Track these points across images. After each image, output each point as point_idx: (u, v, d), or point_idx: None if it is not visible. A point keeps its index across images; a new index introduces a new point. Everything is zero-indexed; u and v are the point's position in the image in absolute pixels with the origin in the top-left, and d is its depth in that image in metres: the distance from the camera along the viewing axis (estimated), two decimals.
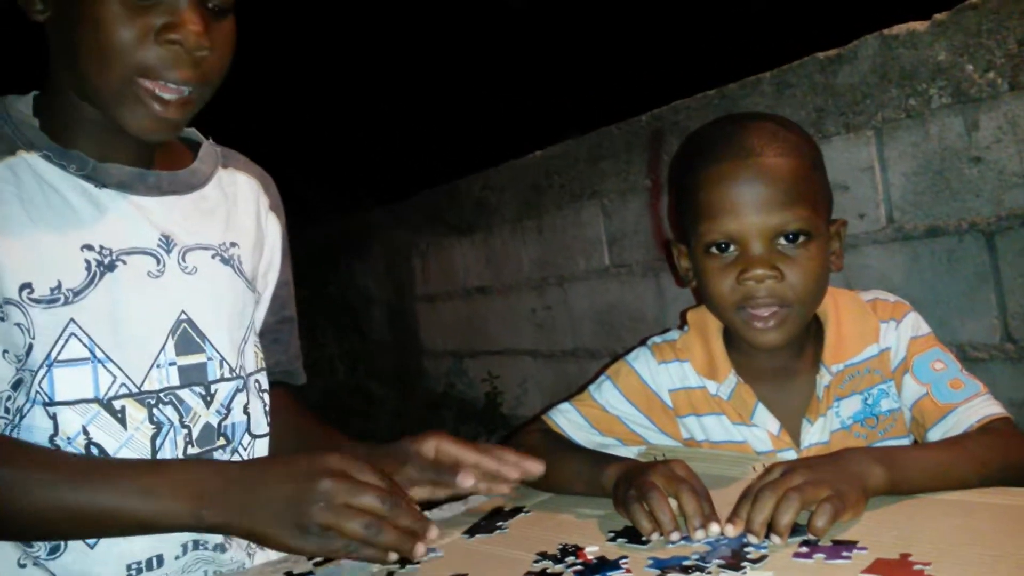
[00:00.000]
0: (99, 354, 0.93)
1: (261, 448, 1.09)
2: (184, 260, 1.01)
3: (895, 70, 1.65)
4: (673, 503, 0.89)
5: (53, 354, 0.91)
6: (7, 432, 0.92)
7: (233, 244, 1.07)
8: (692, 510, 0.87)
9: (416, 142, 5.89)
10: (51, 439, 0.92)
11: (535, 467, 1.02)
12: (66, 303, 0.92)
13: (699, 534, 0.86)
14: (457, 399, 3.39)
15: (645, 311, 2.40)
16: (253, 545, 1.06)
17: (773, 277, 1.06)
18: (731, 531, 0.86)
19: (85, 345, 0.93)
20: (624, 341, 2.42)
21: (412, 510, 0.87)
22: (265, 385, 1.12)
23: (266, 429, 1.10)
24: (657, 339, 1.28)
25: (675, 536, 0.87)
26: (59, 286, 0.92)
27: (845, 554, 0.78)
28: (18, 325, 0.90)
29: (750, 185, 1.06)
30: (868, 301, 1.17)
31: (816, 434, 1.12)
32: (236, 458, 1.04)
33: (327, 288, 4.15)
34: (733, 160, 1.07)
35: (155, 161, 1.03)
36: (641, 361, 1.25)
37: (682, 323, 1.26)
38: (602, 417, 1.23)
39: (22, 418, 0.91)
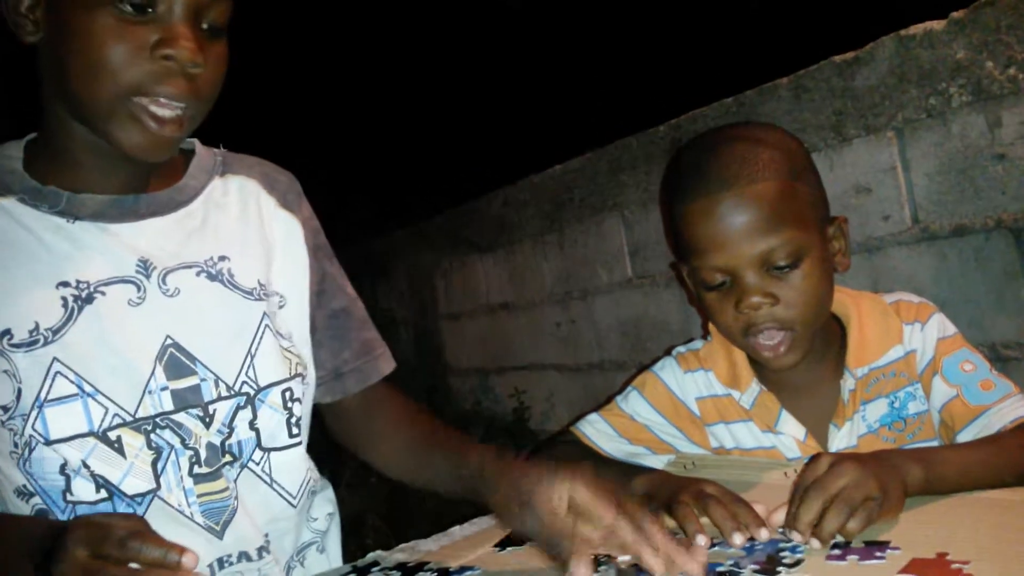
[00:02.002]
0: (87, 388, 0.93)
1: (283, 460, 1.05)
2: (165, 283, 0.98)
3: (914, 70, 1.64)
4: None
5: (42, 395, 0.92)
6: (20, 465, 0.93)
7: (222, 258, 1.03)
8: (719, 517, 0.87)
9: (435, 162, 5.93)
10: (62, 469, 0.92)
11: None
12: (46, 343, 0.92)
13: (700, 540, 0.86)
14: (485, 416, 3.39)
15: (670, 321, 2.39)
16: (295, 558, 1.07)
17: (769, 303, 1.05)
18: (765, 535, 0.85)
19: (72, 381, 0.92)
20: (650, 352, 2.41)
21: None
22: (298, 394, 1.07)
23: (289, 441, 1.05)
24: (682, 348, 1.27)
25: (701, 540, 0.86)
26: (37, 327, 0.92)
27: (879, 554, 0.77)
28: (5, 372, 0.91)
29: (728, 218, 1.05)
30: (891, 303, 1.16)
31: (843, 439, 1.11)
32: (247, 474, 1.01)
33: None
34: (707, 195, 1.06)
35: (151, 180, 1.02)
36: (667, 371, 1.25)
37: (705, 332, 1.26)
38: (630, 426, 1.22)
39: (31, 451, 0.92)
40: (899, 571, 0.73)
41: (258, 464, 1.03)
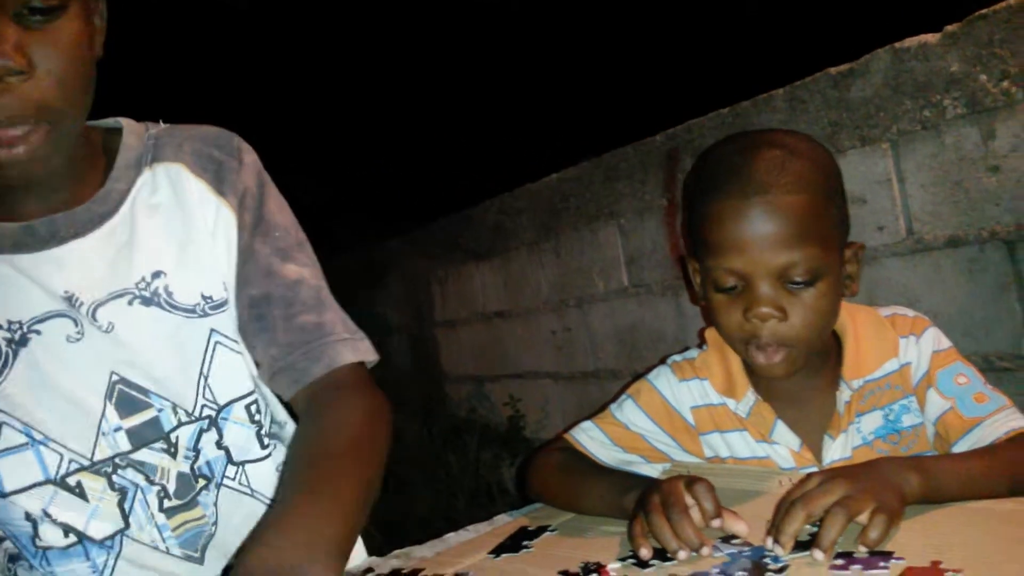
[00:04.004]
0: (37, 436, 0.87)
1: (260, 471, 0.99)
2: (96, 319, 0.88)
3: (908, 82, 1.65)
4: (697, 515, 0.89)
5: None
6: None
7: (156, 275, 0.92)
8: (686, 534, 0.86)
9: (431, 170, 5.94)
10: (28, 516, 0.89)
11: None
12: None
13: (681, 555, 0.85)
14: (480, 424, 3.39)
15: (665, 330, 2.40)
16: None
17: (777, 317, 1.05)
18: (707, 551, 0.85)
19: (19, 430, 0.86)
20: (645, 360, 2.41)
21: None
22: (262, 406, 0.99)
23: (262, 453, 0.99)
24: (677, 357, 1.27)
25: (682, 555, 0.86)
26: None
27: (883, 565, 0.77)
28: None
29: (757, 224, 1.03)
30: (887, 317, 1.16)
31: (838, 450, 1.11)
32: (225, 492, 0.97)
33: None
34: (739, 197, 1.04)
35: (74, 190, 0.90)
36: (662, 379, 1.25)
37: (701, 341, 1.26)
38: (624, 435, 1.22)
39: None
40: None
41: (234, 479, 0.98)
